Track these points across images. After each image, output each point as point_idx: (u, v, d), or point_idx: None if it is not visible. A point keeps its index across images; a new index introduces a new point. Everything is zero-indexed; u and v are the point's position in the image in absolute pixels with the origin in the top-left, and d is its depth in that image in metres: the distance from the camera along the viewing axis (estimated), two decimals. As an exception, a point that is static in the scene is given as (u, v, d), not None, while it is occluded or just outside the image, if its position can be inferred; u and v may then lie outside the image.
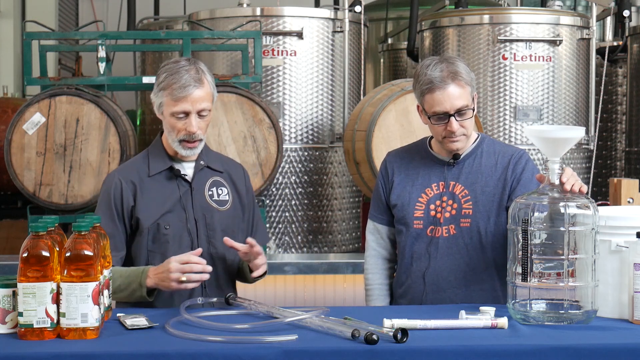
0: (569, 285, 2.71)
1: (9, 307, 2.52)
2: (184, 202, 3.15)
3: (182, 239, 3.14)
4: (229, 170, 3.30)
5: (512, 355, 2.41)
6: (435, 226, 3.18)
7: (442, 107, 3.08)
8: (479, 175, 3.19)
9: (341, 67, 6.24)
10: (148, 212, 3.13)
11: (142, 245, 3.13)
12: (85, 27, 7.01)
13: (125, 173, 3.18)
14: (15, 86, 9.32)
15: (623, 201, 4.32)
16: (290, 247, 6.08)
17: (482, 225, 3.16)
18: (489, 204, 3.16)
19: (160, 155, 3.19)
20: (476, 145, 3.24)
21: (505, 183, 3.17)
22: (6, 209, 7.39)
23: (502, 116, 6.10)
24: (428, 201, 3.20)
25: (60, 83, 5.53)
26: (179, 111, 3.07)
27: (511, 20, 6.11)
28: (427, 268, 3.19)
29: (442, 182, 3.21)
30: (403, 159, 3.31)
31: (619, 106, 7.30)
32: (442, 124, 3.11)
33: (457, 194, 3.18)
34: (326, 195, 6.15)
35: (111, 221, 3.11)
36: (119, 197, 3.13)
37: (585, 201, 2.74)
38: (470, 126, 3.14)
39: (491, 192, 3.17)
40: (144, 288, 2.98)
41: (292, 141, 6.12)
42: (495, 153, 3.23)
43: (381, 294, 3.37)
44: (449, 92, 3.07)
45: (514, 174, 3.17)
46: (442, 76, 3.07)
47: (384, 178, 3.33)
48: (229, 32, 5.90)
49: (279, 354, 2.37)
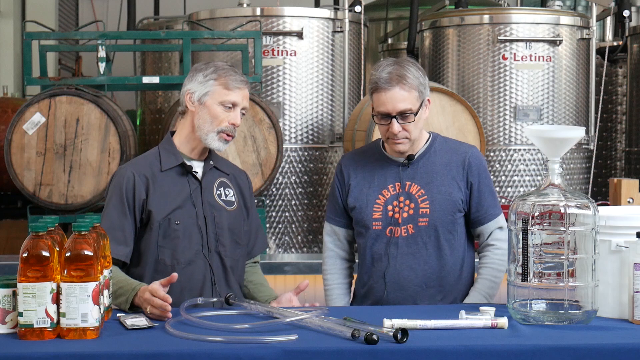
0: (569, 285, 2.70)
1: (9, 307, 2.52)
2: (194, 199, 3.17)
3: (193, 236, 3.16)
4: (234, 174, 3.34)
5: (512, 355, 2.41)
6: (394, 226, 3.22)
7: (385, 107, 3.15)
8: (434, 174, 3.24)
9: (341, 67, 6.24)
10: (160, 206, 3.14)
11: (152, 240, 3.14)
12: (85, 27, 7.02)
13: (138, 167, 3.20)
14: (15, 86, 9.32)
15: (623, 201, 4.32)
16: (290, 247, 6.08)
17: (440, 223, 3.21)
18: (445, 202, 3.21)
19: (171, 152, 3.21)
20: (429, 144, 3.29)
21: (460, 184, 3.24)
22: (6, 209, 7.39)
23: (502, 116, 6.11)
24: (385, 202, 3.24)
25: (60, 83, 5.54)
26: (229, 100, 3.14)
27: (511, 20, 6.11)
28: (387, 267, 3.23)
29: (397, 183, 3.24)
30: (358, 162, 3.34)
31: (619, 106, 7.30)
32: (385, 124, 3.17)
33: (413, 194, 3.22)
34: (326, 195, 6.15)
35: (123, 214, 3.11)
36: (132, 190, 3.14)
37: (585, 201, 2.74)
38: (414, 130, 3.17)
39: (447, 192, 3.22)
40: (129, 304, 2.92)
41: (292, 141, 6.12)
42: (448, 151, 3.28)
43: (340, 292, 3.44)
44: (391, 94, 3.13)
45: (470, 177, 3.24)
46: (388, 78, 3.13)
47: (339, 181, 3.36)
48: (229, 32, 5.90)
49: (279, 354, 2.37)
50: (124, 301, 2.92)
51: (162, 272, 3.10)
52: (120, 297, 2.92)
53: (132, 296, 2.90)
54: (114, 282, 2.94)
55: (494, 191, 3.32)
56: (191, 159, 3.22)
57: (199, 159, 3.23)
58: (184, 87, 3.21)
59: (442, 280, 3.23)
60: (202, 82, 3.17)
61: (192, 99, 3.18)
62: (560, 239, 2.70)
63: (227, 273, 3.21)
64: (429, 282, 3.22)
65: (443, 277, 3.23)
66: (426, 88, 3.20)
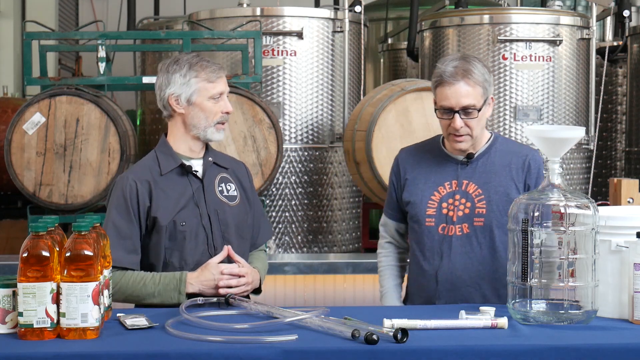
0: (569, 285, 2.70)
1: (9, 307, 2.51)
2: (197, 199, 3.18)
3: (198, 235, 3.17)
4: (233, 167, 3.34)
5: (512, 355, 2.41)
6: (448, 224, 3.20)
7: (448, 102, 3.13)
8: (493, 174, 3.21)
9: (341, 67, 6.24)
10: (164, 210, 3.15)
11: (160, 244, 3.15)
12: (85, 27, 7.01)
13: (138, 174, 3.19)
14: (15, 86, 9.32)
15: (623, 201, 4.32)
16: (290, 247, 6.08)
17: (496, 224, 3.17)
18: (502, 203, 3.17)
19: (169, 154, 3.21)
20: (490, 144, 3.26)
21: (518, 185, 3.21)
22: (6, 209, 7.39)
23: (502, 116, 6.11)
24: (440, 199, 3.22)
25: (60, 83, 5.54)
26: (217, 92, 3.17)
27: (511, 20, 6.11)
28: (440, 266, 3.20)
29: (454, 181, 3.23)
30: (416, 157, 3.33)
31: (619, 106, 7.30)
32: (447, 119, 3.15)
33: (470, 193, 3.20)
34: (326, 195, 6.16)
35: (130, 223, 3.11)
36: (135, 198, 3.14)
37: (585, 201, 2.74)
38: (476, 127, 3.16)
39: (504, 192, 3.19)
40: (183, 295, 3.03)
41: (292, 141, 6.12)
42: (509, 152, 3.26)
43: (392, 273, 3.44)
44: (456, 89, 3.11)
45: (528, 179, 3.21)
46: (453, 72, 3.11)
47: (395, 175, 3.36)
48: (229, 32, 5.90)
49: (279, 354, 2.37)
50: (177, 294, 3.03)
51: None
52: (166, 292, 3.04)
53: (184, 286, 3.03)
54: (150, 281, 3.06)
55: None
56: (189, 157, 3.22)
57: (197, 157, 3.23)
58: (162, 91, 3.18)
59: (496, 283, 3.16)
60: (183, 82, 3.15)
61: (178, 101, 3.16)
62: (560, 239, 2.70)
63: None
64: (482, 283, 3.18)
65: (497, 279, 3.16)
66: (490, 85, 3.17)
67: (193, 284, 3.05)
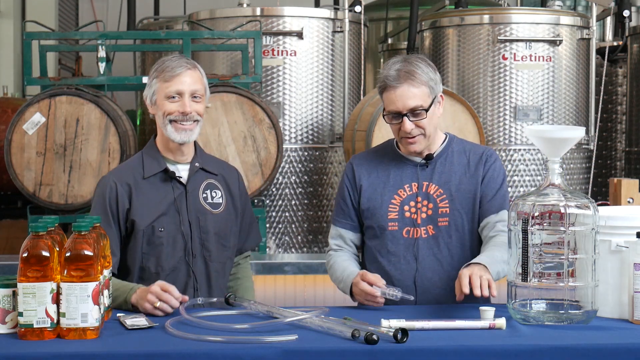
0: (569, 285, 2.70)
1: (9, 307, 2.52)
2: (178, 205, 3.14)
3: (176, 242, 3.13)
4: (223, 173, 3.28)
5: (512, 355, 2.41)
6: (412, 227, 3.15)
7: (395, 106, 3.08)
8: (452, 174, 3.18)
9: (341, 67, 6.24)
10: (143, 214, 3.11)
11: (137, 248, 3.12)
12: (85, 27, 7.01)
13: (120, 175, 3.16)
14: (15, 86, 9.32)
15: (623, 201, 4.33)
16: (290, 247, 6.08)
17: (460, 222, 3.14)
18: (465, 201, 3.15)
19: (154, 157, 3.17)
20: (446, 144, 3.23)
21: (477, 180, 3.17)
22: (6, 209, 7.39)
23: (502, 116, 6.11)
24: (401, 202, 3.17)
25: (60, 83, 5.54)
26: (172, 91, 3.08)
27: (511, 20, 6.11)
28: (408, 270, 3.14)
29: (415, 183, 3.18)
30: (371, 162, 3.26)
31: (619, 106, 7.30)
32: (397, 123, 3.11)
33: (431, 194, 3.16)
34: (326, 195, 6.16)
35: (107, 224, 3.06)
36: (114, 200, 3.11)
37: (585, 201, 2.74)
38: (428, 126, 3.11)
39: (466, 189, 3.16)
40: (129, 304, 2.92)
41: (292, 141, 6.12)
42: (465, 151, 3.23)
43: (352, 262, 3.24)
44: (401, 92, 3.07)
45: (484, 171, 3.18)
46: (396, 75, 3.07)
47: (350, 182, 3.26)
48: (229, 32, 5.90)
49: (279, 354, 2.37)
50: (123, 301, 2.92)
51: (147, 279, 3.08)
52: (118, 298, 2.92)
53: (131, 295, 2.90)
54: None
55: (505, 188, 3.20)
56: (176, 162, 3.18)
57: (184, 162, 3.19)
58: None
59: None
60: (150, 84, 3.15)
61: (149, 103, 3.17)
62: (560, 239, 2.69)
63: (210, 278, 3.18)
64: (452, 283, 3.07)
65: None
66: (437, 83, 3.13)
67: (136, 294, 2.90)
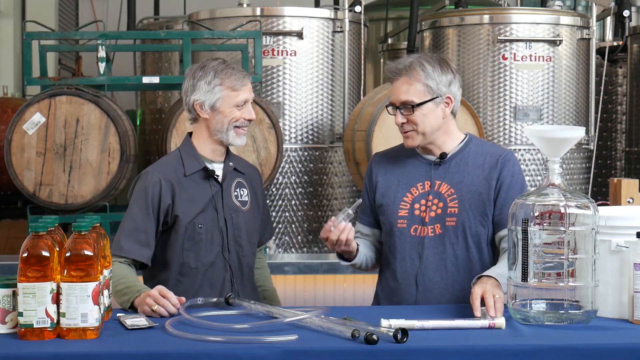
0: (569, 285, 2.70)
1: (9, 307, 2.52)
2: (215, 202, 3.25)
3: (214, 238, 3.24)
4: (249, 173, 3.42)
5: (512, 355, 2.41)
6: (420, 225, 3.16)
7: (391, 98, 3.18)
8: (465, 174, 3.17)
9: (341, 67, 6.24)
10: (185, 210, 3.21)
11: (178, 244, 3.22)
12: (85, 27, 7.00)
13: (163, 172, 3.25)
14: (15, 86, 9.31)
15: (623, 201, 4.32)
16: (290, 247, 6.08)
17: (468, 223, 3.13)
18: (475, 203, 3.13)
19: (193, 155, 3.29)
20: (464, 144, 3.23)
21: (491, 183, 3.14)
22: (6, 209, 7.38)
23: (502, 116, 6.10)
24: (413, 200, 3.18)
25: (60, 83, 5.53)
26: (240, 100, 3.24)
27: (511, 20, 6.11)
28: (412, 269, 3.15)
29: (427, 182, 3.19)
30: (389, 160, 3.31)
31: (619, 106, 7.30)
32: (393, 115, 3.18)
33: (442, 193, 3.16)
34: (326, 195, 6.15)
35: (147, 217, 3.17)
36: (158, 195, 3.20)
37: (585, 201, 2.74)
38: (421, 123, 3.12)
39: (477, 191, 3.14)
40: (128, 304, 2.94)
41: (292, 141, 6.12)
42: (483, 153, 3.21)
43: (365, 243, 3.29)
44: (397, 85, 3.15)
45: (501, 177, 3.14)
46: (396, 69, 3.14)
47: (368, 179, 3.34)
48: (229, 32, 5.90)
49: (279, 354, 2.37)
50: (126, 300, 2.95)
51: (187, 274, 3.21)
52: (124, 296, 2.96)
53: (135, 297, 2.92)
54: (123, 281, 2.98)
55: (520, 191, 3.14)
56: (212, 161, 3.31)
57: (219, 161, 3.32)
58: (188, 96, 3.26)
59: (467, 284, 3.06)
60: (208, 90, 3.23)
61: (203, 107, 3.24)
62: (560, 239, 2.70)
63: (243, 272, 3.30)
64: (454, 284, 3.13)
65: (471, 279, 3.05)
66: (444, 85, 3.12)
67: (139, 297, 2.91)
